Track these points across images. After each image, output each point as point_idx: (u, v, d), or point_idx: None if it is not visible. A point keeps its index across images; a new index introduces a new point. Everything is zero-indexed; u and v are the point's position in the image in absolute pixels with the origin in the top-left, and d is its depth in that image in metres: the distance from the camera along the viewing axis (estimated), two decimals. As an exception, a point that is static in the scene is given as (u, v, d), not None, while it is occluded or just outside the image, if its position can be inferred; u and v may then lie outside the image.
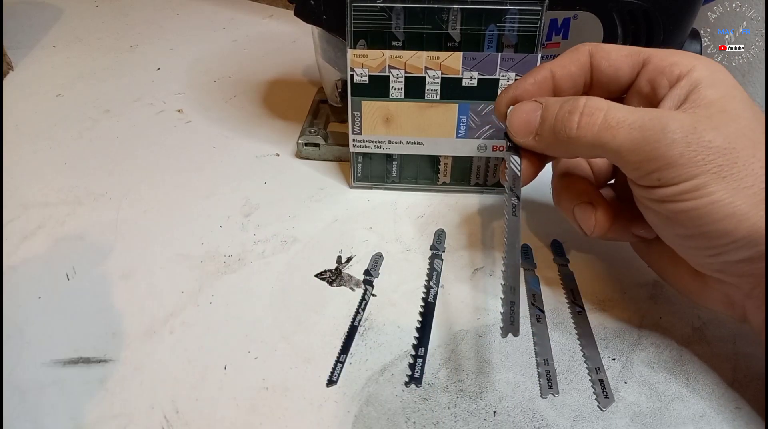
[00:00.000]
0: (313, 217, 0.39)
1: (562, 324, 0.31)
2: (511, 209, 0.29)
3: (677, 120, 0.25)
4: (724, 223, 0.24)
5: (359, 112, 0.38)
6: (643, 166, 0.26)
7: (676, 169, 0.25)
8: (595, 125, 0.26)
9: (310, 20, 0.38)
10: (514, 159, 0.30)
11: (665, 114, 0.25)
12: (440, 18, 0.35)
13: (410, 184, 0.41)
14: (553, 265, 0.35)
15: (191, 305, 0.32)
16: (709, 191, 0.24)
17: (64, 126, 0.49)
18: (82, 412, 0.27)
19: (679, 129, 0.25)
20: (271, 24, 0.69)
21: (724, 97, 0.26)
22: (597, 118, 0.26)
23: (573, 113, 0.27)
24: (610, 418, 0.27)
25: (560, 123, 0.27)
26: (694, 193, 0.25)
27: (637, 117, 0.26)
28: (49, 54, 0.62)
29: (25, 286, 0.34)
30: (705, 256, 0.26)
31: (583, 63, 0.30)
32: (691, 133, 0.24)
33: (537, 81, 0.30)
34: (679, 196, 0.25)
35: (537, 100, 0.29)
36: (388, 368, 0.29)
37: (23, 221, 0.38)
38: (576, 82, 0.30)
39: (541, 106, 0.29)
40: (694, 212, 0.25)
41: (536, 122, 0.29)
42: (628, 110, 0.26)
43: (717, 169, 0.24)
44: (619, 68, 0.29)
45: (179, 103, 0.52)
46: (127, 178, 0.42)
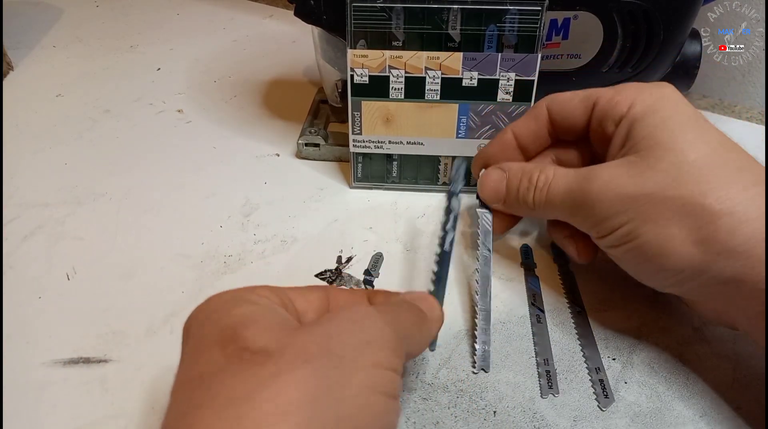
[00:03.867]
0: (313, 217, 0.39)
1: (562, 324, 0.31)
2: (483, 260, 0.32)
3: (598, 179, 0.28)
4: (659, 260, 0.26)
5: (359, 112, 0.38)
6: (583, 223, 0.29)
7: (606, 222, 0.28)
8: (544, 197, 0.30)
9: (310, 20, 0.38)
10: (485, 215, 0.33)
11: (590, 174, 0.28)
12: (440, 18, 0.35)
13: (410, 184, 0.41)
14: (553, 265, 0.35)
15: (191, 305, 0.32)
16: (637, 234, 0.27)
17: (64, 126, 0.49)
18: (82, 412, 0.27)
19: (598, 188, 0.28)
20: (271, 24, 0.69)
21: (658, 130, 0.27)
22: (544, 191, 0.30)
23: (529, 189, 0.31)
24: (610, 418, 0.27)
25: (521, 196, 0.31)
26: (625, 238, 0.27)
27: (568, 182, 0.29)
28: (49, 54, 0.62)
29: (25, 286, 0.34)
30: (664, 286, 0.28)
31: (541, 119, 0.32)
32: (612, 188, 0.27)
33: (502, 144, 0.34)
34: (616, 243, 0.28)
35: (501, 168, 0.33)
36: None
37: (23, 221, 0.38)
38: (538, 136, 0.33)
39: (505, 176, 0.32)
40: (630, 254, 0.27)
41: (503, 190, 0.32)
42: (565, 175, 0.30)
43: (641, 215, 0.26)
44: (572, 116, 0.31)
45: (179, 103, 0.52)
46: (127, 178, 0.42)
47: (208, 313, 0.22)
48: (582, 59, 0.39)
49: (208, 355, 0.20)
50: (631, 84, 0.30)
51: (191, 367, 0.20)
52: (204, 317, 0.22)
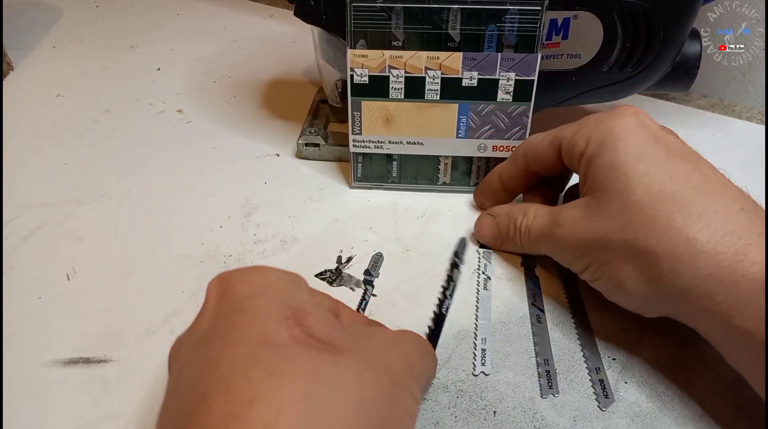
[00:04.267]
0: (313, 217, 0.39)
1: (562, 324, 0.31)
2: (483, 284, 0.34)
3: (561, 224, 0.30)
4: (622, 295, 0.28)
5: (359, 112, 0.38)
6: (563, 262, 0.32)
7: (575, 263, 0.30)
8: (527, 240, 0.33)
9: (310, 20, 0.38)
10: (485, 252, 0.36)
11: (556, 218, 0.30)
12: (440, 18, 0.35)
13: (410, 184, 0.41)
14: (553, 265, 0.35)
15: (191, 305, 0.32)
16: (600, 274, 0.29)
17: (64, 126, 0.49)
18: (82, 412, 0.27)
19: (562, 234, 0.30)
20: (271, 24, 0.69)
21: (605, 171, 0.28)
22: (526, 235, 0.33)
23: (515, 234, 0.33)
24: (610, 418, 0.27)
25: (510, 239, 0.34)
26: (592, 276, 0.29)
27: (541, 227, 0.32)
28: (49, 54, 0.62)
29: (25, 286, 0.34)
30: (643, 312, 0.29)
31: (520, 164, 0.35)
32: (572, 234, 0.29)
33: (489, 187, 0.37)
34: (589, 279, 0.30)
35: (491, 214, 0.36)
36: (388, 368, 0.29)
37: (23, 221, 0.38)
38: (519, 178, 0.36)
39: (495, 221, 0.35)
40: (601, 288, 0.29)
41: (495, 234, 0.35)
42: (541, 218, 0.32)
43: (599, 258, 0.28)
44: (545, 160, 0.33)
45: (179, 103, 0.52)
46: (127, 178, 0.42)
47: (261, 287, 0.21)
48: (582, 59, 0.38)
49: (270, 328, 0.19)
50: (590, 118, 0.31)
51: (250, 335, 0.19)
52: (255, 289, 0.21)
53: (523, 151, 0.35)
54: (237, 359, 0.18)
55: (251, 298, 0.21)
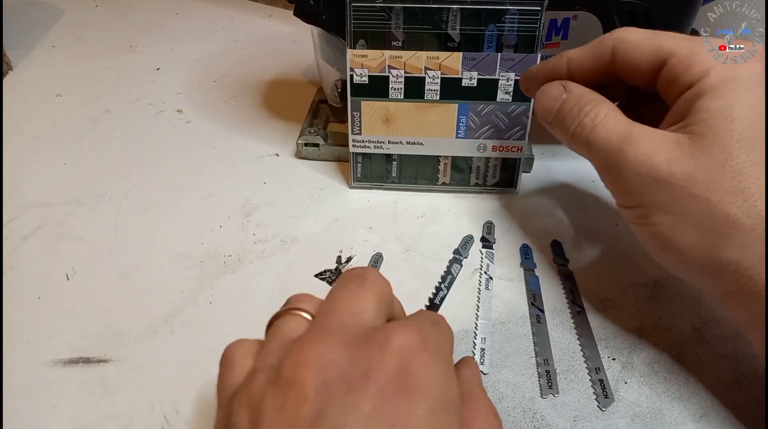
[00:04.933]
0: (313, 217, 0.39)
1: (562, 324, 0.31)
2: (485, 284, 0.33)
3: (638, 146, 0.26)
4: (668, 252, 0.26)
5: (359, 112, 0.38)
6: (607, 181, 0.28)
7: (628, 196, 0.27)
8: (584, 136, 0.28)
9: (310, 20, 0.38)
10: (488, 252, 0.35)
11: (634, 136, 0.26)
12: (440, 18, 0.35)
13: (410, 184, 0.41)
14: (553, 265, 0.35)
15: (191, 305, 0.32)
16: (653, 221, 0.26)
17: (64, 126, 0.49)
18: (82, 412, 0.27)
19: (633, 156, 0.26)
20: (270, 24, 0.69)
21: (716, 118, 0.25)
22: (587, 130, 0.28)
23: (574, 119, 0.29)
24: (610, 418, 0.27)
25: (566, 122, 0.29)
26: (640, 219, 0.26)
27: (610, 133, 0.27)
28: (49, 54, 0.62)
29: (25, 286, 0.34)
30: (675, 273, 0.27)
31: (602, 59, 0.29)
32: (646, 162, 0.25)
33: (552, 71, 0.31)
34: (632, 219, 0.27)
35: (563, 85, 0.30)
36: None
37: (23, 221, 0.38)
38: (592, 73, 0.30)
39: (563, 96, 0.30)
40: (643, 234, 0.27)
41: (555, 109, 0.30)
42: (613, 124, 0.27)
43: (662, 202, 0.25)
44: (638, 67, 0.28)
45: (179, 103, 0.52)
46: (127, 178, 0.42)
47: (425, 344, 0.19)
48: (582, 59, 0.38)
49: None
50: (716, 39, 0.27)
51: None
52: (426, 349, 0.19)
53: (614, 45, 0.29)
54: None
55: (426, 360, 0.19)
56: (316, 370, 0.18)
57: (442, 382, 0.18)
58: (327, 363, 0.18)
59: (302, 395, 0.17)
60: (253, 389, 0.18)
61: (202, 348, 0.30)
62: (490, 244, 0.36)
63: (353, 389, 0.17)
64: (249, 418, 0.18)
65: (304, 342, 0.19)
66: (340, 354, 0.18)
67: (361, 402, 0.17)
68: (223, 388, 0.20)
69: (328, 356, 0.18)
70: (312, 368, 0.18)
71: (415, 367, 0.18)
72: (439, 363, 0.19)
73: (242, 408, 0.18)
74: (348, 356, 0.18)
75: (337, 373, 0.18)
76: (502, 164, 0.40)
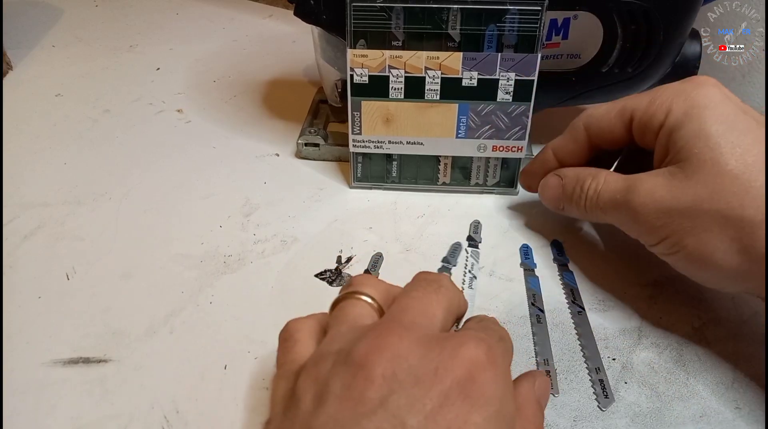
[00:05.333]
0: (313, 217, 0.39)
1: (562, 324, 0.31)
2: (469, 283, 0.34)
3: (640, 190, 0.28)
4: (707, 269, 0.27)
5: (359, 112, 0.38)
6: (631, 231, 0.30)
7: (651, 234, 0.28)
8: (594, 205, 0.31)
9: (310, 20, 0.38)
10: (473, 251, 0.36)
11: (634, 184, 0.29)
12: (440, 18, 0.35)
13: (410, 184, 0.41)
14: (553, 265, 0.35)
15: (191, 305, 0.32)
16: (682, 246, 0.27)
17: (64, 126, 0.49)
18: (82, 412, 0.27)
19: (640, 200, 0.28)
20: (271, 24, 0.69)
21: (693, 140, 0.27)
22: (594, 199, 0.31)
23: (581, 196, 0.32)
24: (610, 418, 0.27)
25: (574, 202, 0.32)
26: (672, 249, 0.28)
27: (614, 191, 0.30)
28: (49, 54, 0.62)
29: (25, 286, 0.34)
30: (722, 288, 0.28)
31: (580, 139, 0.33)
32: (652, 201, 0.28)
33: (543, 164, 0.35)
34: (665, 252, 0.29)
35: (558, 174, 0.34)
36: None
37: (23, 221, 0.38)
38: (577, 153, 0.34)
39: (561, 182, 0.34)
40: (680, 262, 0.28)
41: (559, 196, 0.34)
42: (614, 183, 0.30)
43: (682, 228, 0.27)
44: (611, 133, 0.32)
45: (179, 103, 0.52)
46: (127, 178, 0.42)
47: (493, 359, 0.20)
48: (582, 59, 0.39)
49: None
50: (666, 87, 0.30)
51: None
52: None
53: (585, 123, 0.33)
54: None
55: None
56: (388, 358, 0.18)
57: (503, 397, 0.19)
58: (399, 354, 0.19)
59: (370, 378, 0.18)
60: (322, 368, 0.19)
61: (202, 348, 0.30)
62: (476, 243, 0.36)
63: (420, 384, 0.18)
64: (315, 391, 0.19)
65: (381, 331, 0.20)
66: (413, 350, 0.19)
67: (425, 398, 0.18)
68: (286, 362, 0.22)
69: (402, 349, 0.19)
70: (385, 356, 0.18)
71: (481, 379, 0.18)
72: (502, 379, 0.19)
73: (309, 382, 0.19)
74: (420, 354, 0.19)
75: (407, 366, 0.18)
76: (502, 164, 0.40)
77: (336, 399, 0.18)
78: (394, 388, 0.18)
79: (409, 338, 0.19)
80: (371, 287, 0.23)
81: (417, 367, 0.18)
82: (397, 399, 0.17)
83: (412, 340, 0.19)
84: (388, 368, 0.18)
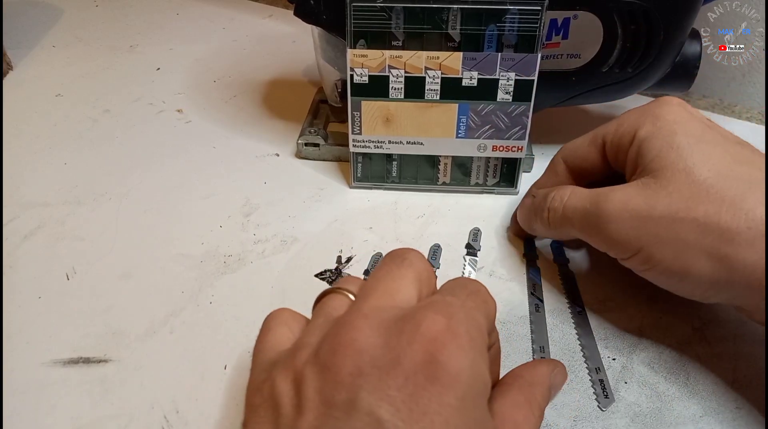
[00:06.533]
0: (313, 217, 0.39)
1: (562, 324, 0.31)
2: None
3: (613, 198, 0.28)
4: (685, 280, 0.27)
5: (359, 112, 0.38)
6: (601, 244, 0.29)
7: (623, 245, 0.28)
8: (559, 216, 0.31)
9: (310, 20, 0.38)
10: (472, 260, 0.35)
11: (605, 194, 0.28)
12: (440, 18, 0.35)
13: (410, 184, 0.41)
14: (553, 265, 0.35)
15: (191, 305, 0.32)
16: (657, 259, 0.27)
17: (64, 126, 0.49)
18: (82, 412, 0.27)
19: (612, 207, 0.28)
20: (271, 24, 0.69)
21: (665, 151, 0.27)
22: (560, 210, 0.31)
23: (542, 209, 0.32)
24: (610, 418, 0.27)
25: (538, 215, 0.32)
26: (646, 264, 0.27)
27: (583, 200, 0.29)
28: (49, 54, 0.62)
29: (25, 286, 0.34)
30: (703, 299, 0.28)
31: (560, 172, 0.34)
32: (626, 208, 0.27)
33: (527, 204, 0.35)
34: (640, 267, 0.28)
35: (531, 194, 0.34)
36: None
37: (23, 221, 0.38)
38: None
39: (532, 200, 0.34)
40: (657, 277, 0.28)
41: (527, 213, 0.34)
42: (581, 194, 0.30)
43: (656, 238, 0.26)
44: (588, 162, 0.32)
45: (179, 103, 0.52)
46: (127, 178, 0.42)
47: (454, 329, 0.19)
48: (582, 59, 0.38)
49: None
50: (633, 110, 0.30)
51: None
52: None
53: (562, 156, 0.34)
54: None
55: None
56: (350, 355, 0.18)
57: (470, 369, 0.18)
58: (361, 349, 0.19)
59: (337, 380, 0.18)
60: (297, 363, 0.19)
61: (202, 348, 0.30)
62: (475, 251, 0.36)
63: (385, 376, 0.18)
64: (293, 395, 0.19)
65: (340, 327, 0.20)
66: (373, 340, 0.19)
67: (392, 389, 0.18)
68: (258, 351, 0.22)
69: (361, 342, 0.19)
70: (347, 354, 0.18)
71: (443, 356, 0.18)
72: (468, 350, 0.19)
73: (287, 382, 0.19)
74: (380, 343, 0.19)
75: (369, 359, 0.18)
76: (503, 164, 0.40)
77: (313, 406, 0.18)
78: (362, 385, 0.18)
79: (369, 328, 0.19)
80: (352, 283, 0.24)
81: (379, 358, 0.18)
82: (367, 396, 0.17)
83: (372, 329, 0.19)
84: (353, 365, 0.18)
